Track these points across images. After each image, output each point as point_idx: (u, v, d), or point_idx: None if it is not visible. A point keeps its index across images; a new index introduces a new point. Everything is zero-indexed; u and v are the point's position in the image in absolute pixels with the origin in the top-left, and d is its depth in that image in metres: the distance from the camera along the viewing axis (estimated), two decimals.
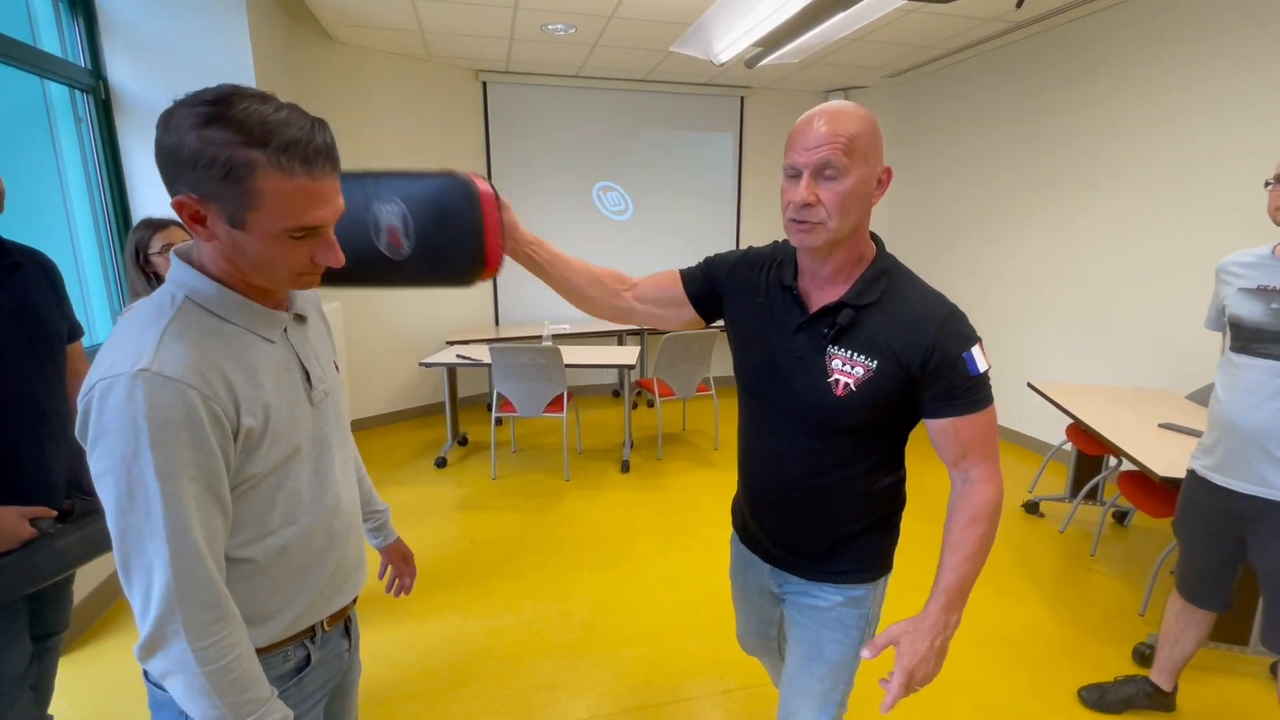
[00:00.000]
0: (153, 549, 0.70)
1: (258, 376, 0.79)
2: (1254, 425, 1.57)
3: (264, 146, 0.69)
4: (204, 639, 0.73)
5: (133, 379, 0.68)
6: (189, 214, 0.72)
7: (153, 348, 0.71)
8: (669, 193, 5.52)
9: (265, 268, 0.77)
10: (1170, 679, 1.92)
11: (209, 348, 0.75)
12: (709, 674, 2.13)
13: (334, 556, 0.92)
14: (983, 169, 4.47)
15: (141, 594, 0.72)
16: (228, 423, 0.75)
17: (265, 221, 0.72)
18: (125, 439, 0.68)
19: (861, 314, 1.01)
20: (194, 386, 0.71)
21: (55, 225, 2.80)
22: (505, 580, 2.68)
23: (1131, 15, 3.41)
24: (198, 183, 0.69)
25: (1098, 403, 2.83)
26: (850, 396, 1.01)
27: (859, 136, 0.94)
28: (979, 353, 0.99)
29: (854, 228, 0.99)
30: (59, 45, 2.71)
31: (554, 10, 3.56)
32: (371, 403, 4.71)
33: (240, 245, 0.74)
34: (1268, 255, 1.60)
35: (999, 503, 1.04)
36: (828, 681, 1.19)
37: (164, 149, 0.70)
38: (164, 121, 0.70)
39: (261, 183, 0.70)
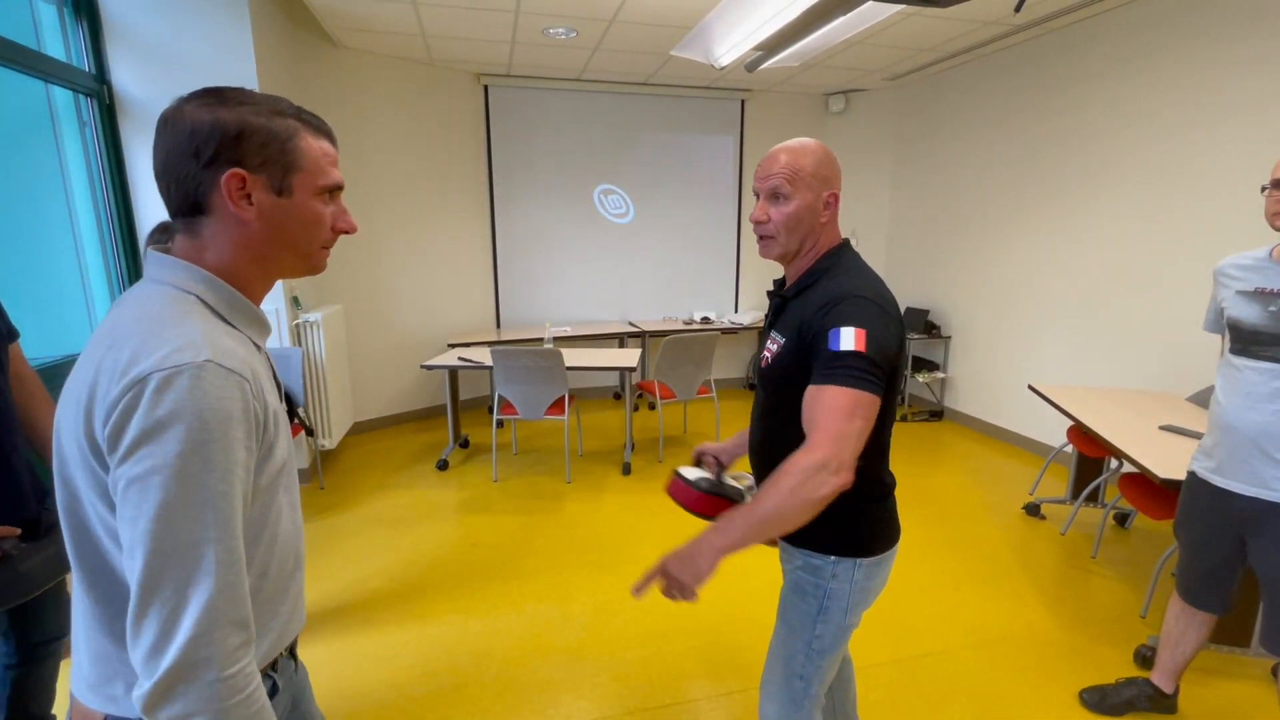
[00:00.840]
0: (199, 559, 0.64)
1: (265, 382, 0.77)
2: (1253, 427, 1.57)
3: (295, 116, 0.75)
4: (234, 665, 0.66)
5: (199, 369, 0.65)
6: (237, 187, 0.72)
7: (202, 339, 0.67)
8: (670, 195, 5.53)
9: (304, 237, 0.78)
10: (1171, 681, 1.92)
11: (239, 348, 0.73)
12: (710, 676, 2.13)
13: (299, 578, 0.88)
14: (982, 171, 4.48)
15: (162, 619, 0.63)
16: (262, 422, 0.73)
17: (308, 182, 0.76)
18: (185, 434, 0.63)
19: (789, 303, 1.23)
20: (248, 380, 0.69)
21: (59, 229, 2.82)
22: (507, 582, 2.69)
23: (1131, 19, 3.42)
24: (245, 155, 0.71)
25: (1098, 405, 2.83)
26: (769, 366, 1.23)
27: (804, 169, 1.16)
28: (850, 334, 1.06)
29: (802, 241, 1.21)
30: (63, 50, 2.73)
31: (555, 14, 3.58)
32: (373, 405, 4.72)
33: (282, 215, 0.75)
34: (1265, 258, 1.61)
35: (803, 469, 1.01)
36: (789, 645, 1.27)
37: (198, 131, 0.70)
38: (172, 115, 0.71)
39: (303, 143, 0.75)
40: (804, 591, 1.24)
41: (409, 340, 4.83)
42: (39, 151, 2.76)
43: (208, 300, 0.74)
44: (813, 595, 1.23)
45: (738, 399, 5.63)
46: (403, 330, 4.81)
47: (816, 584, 1.22)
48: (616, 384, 5.76)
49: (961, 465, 4.04)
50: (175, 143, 0.71)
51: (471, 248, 5.11)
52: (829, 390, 1.05)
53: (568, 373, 3.64)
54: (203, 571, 0.64)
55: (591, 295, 5.54)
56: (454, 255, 5.01)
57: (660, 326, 5.26)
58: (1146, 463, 2.15)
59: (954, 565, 2.82)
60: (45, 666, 1.58)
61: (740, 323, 5.43)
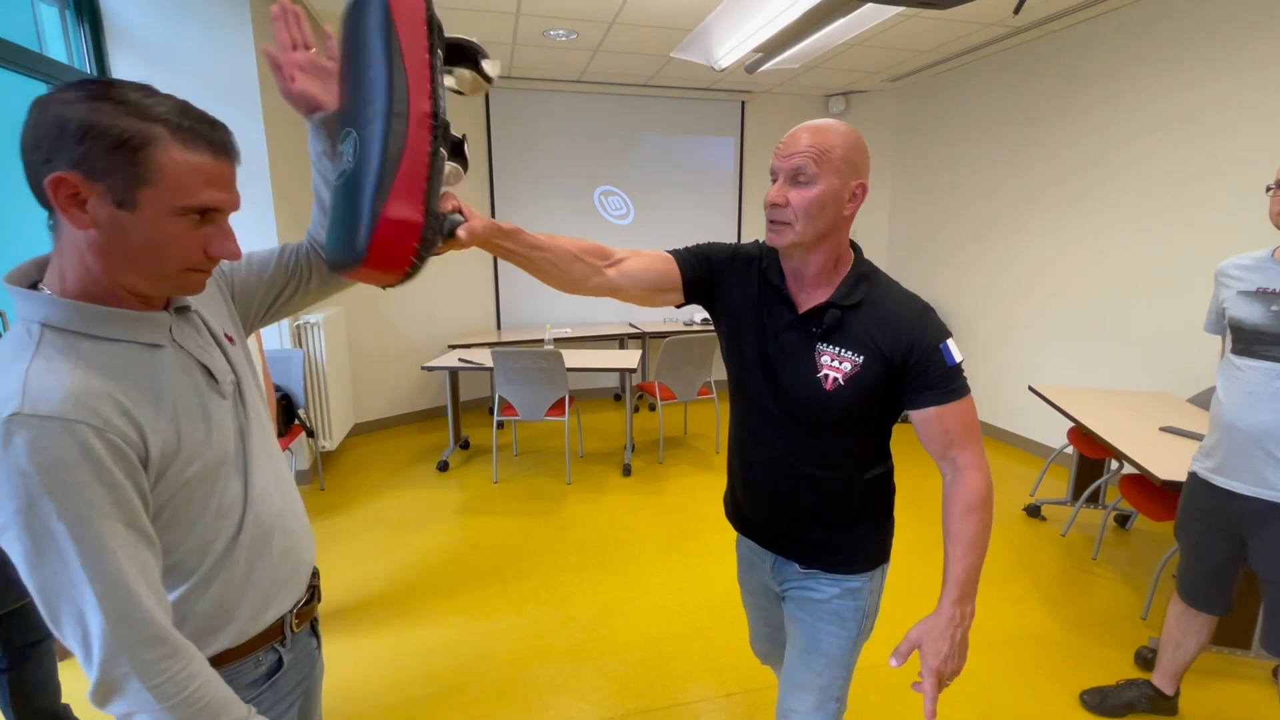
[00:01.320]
0: (80, 596, 0.64)
1: (156, 392, 0.71)
2: (1255, 427, 1.57)
3: (164, 121, 0.66)
4: (157, 676, 0.68)
5: (5, 424, 0.61)
6: (66, 194, 0.64)
7: (19, 389, 0.62)
8: (671, 197, 5.54)
9: (152, 258, 0.69)
10: (1172, 683, 1.91)
11: (88, 376, 0.66)
12: (710, 678, 2.13)
13: (276, 542, 0.87)
14: (983, 173, 4.48)
15: (79, 642, 0.66)
16: (132, 451, 0.67)
17: (160, 198, 0.66)
18: (15, 491, 0.61)
19: (847, 314, 1.08)
20: (79, 420, 0.64)
21: None
22: (507, 584, 2.69)
23: (1133, 19, 3.42)
24: (84, 158, 0.63)
25: (1099, 406, 2.83)
26: (839, 390, 1.07)
27: (833, 150, 1.00)
28: (953, 345, 1.06)
29: (821, 234, 1.05)
30: (65, 52, 2.73)
31: (556, 16, 3.58)
32: (374, 406, 4.72)
33: (124, 231, 0.67)
34: (1267, 258, 1.61)
35: (989, 489, 1.07)
36: (825, 675, 1.21)
37: (43, 124, 0.64)
38: (41, 103, 0.65)
39: (161, 155, 0.66)
40: (844, 618, 1.20)
41: (410, 342, 4.83)
42: None
43: (54, 323, 0.68)
44: (853, 619, 1.20)
45: None
46: (403, 332, 4.81)
47: (856, 607, 1.19)
48: (617, 385, 5.76)
49: None
50: (27, 132, 0.65)
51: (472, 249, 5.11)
52: (958, 407, 1.06)
53: (568, 374, 3.65)
54: (89, 608, 0.65)
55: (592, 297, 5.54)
56: (455, 256, 4.97)
57: (660, 328, 5.26)
58: (1147, 464, 2.14)
59: None
60: (41, 665, 1.60)
61: None
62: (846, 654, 1.21)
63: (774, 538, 1.25)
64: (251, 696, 0.85)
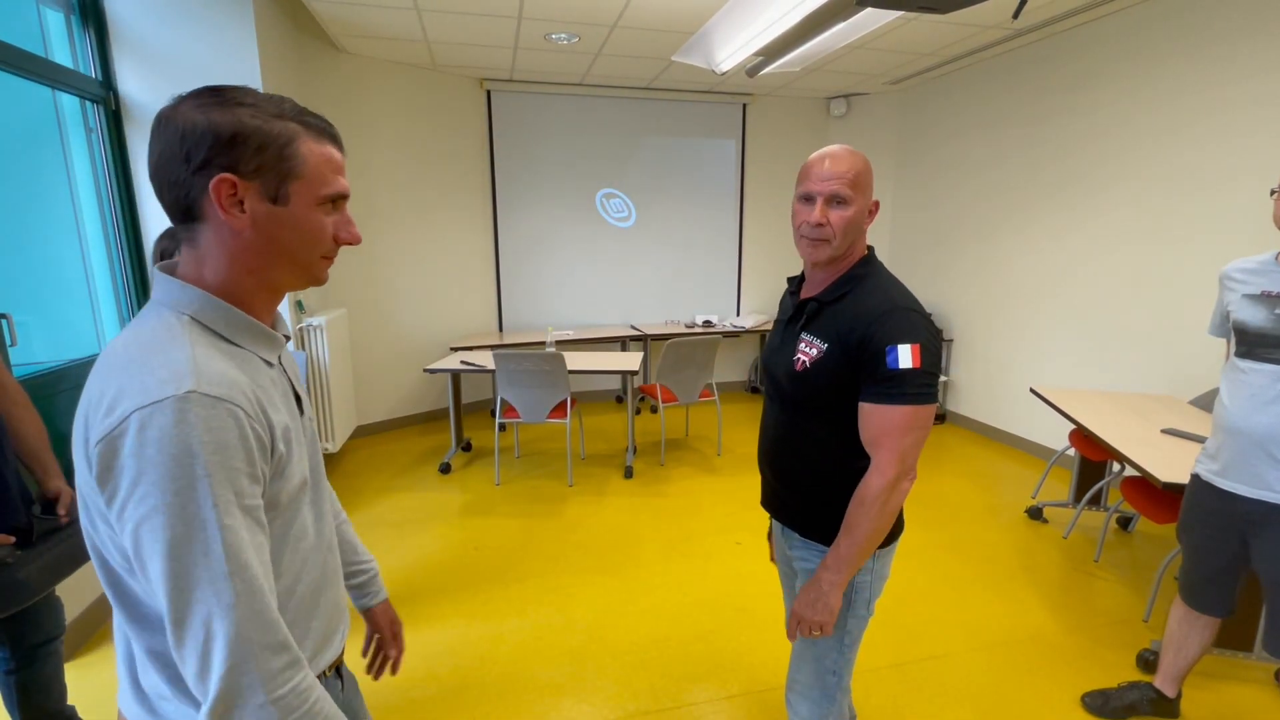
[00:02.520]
0: (214, 593, 0.63)
1: (273, 399, 0.74)
2: (1258, 429, 1.58)
3: (297, 119, 0.71)
4: (281, 686, 0.66)
5: (181, 402, 0.62)
6: (226, 194, 0.68)
7: (189, 368, 0.64)
8: (672, 199, 5.55)
9: (299, 248, 0.74)
10: (1174, 685, 1.91)
11: (237, 370, 0.70)
12: (712, 679, 2.13)
13: (329, 596, 0.87)
14: (985, 175, 4.49)
15: (198, 651, 0.63)
16: (267, 444, 0.70)
17: (307, 190, 0.72)
18: (177, 471, 0.61)
19: (825, 307, 1.23)
20: (241, 406, 0.66)
21: (65, 235, 2.84)
22: (509, 586, 2.69)
23: (1133, 22, 3.43)
24: (238, 160, 0.67)
25: (1101, 408, 2.83)
26: (805, 370, 1.22)
27: (860, 175, 1.18)
28: (905, 351, 1.11)
29: (849, 245, 1.21)
30: (70, 57, 2.75)
31: (558, 20, 3.60)
32: (376, 409, 4.73)
33: (278, 225, 0.71)
34: (1270, 261, 1.61)
35: (881, 490, 1.14)
36: (820, 644, 1.31)
37: (190, 135, 0.66)
38: (168, 116, 0.67)
39: (303, 148, 0.71)
40: None
41: (412, 344, 4.84)
42: (46, 157, 2.78)
43: (204, 320, 0.71)
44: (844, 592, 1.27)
45: (739, 402, 5.63)
46: (405, 334, 4.82)
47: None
48: (618, 387, 5.76)
49: (964, 468, 4.04)
50: (167, 145, 0.67)
51: (474, 251, 5.13)
52: (888, 410, 1.13)
53: (570, 376, 3.65)
54: (222, 605, 0.63)
55: (594, 299, 5.55)
56: (457, 259, 5.02)
57: (662, 330, 5.27)
58: (1148, 466, 2.14)
59: (956, 569, 2.81)
60: (47, 665, 1.61)
61: (742, 326, 5.44)
62: (838, 626, 1.28)
63: (778, 505, 1.39)
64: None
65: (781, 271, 5.97)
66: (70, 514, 1.51)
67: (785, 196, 5.79)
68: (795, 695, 1.37)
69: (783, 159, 5.70)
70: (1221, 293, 1.72)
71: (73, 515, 1.51)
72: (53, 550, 1.39)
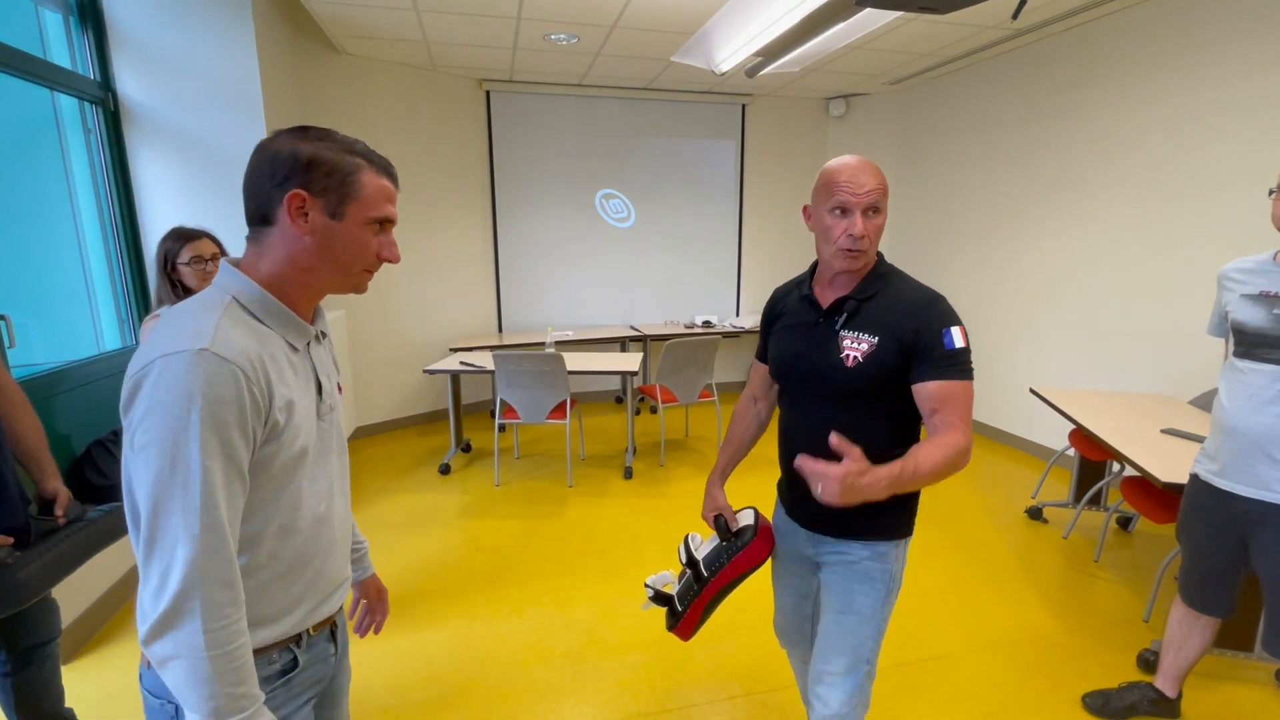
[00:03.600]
0: (183, 523, 0.74)
1: (285, 375, 0.86)
2: (1256, 430, 1.58)
3: (364, 155, 0.88)
4: (218, 620, 0.75)
5: (195, 355, 0.75)
6: (296, 206, 0.83)
7: (211, 332, 0.78)
8: (671, 200, 5.55)
9: (346, 257, 0.88)
10: (1175, 685, 1.91)
11: (253, 342, 0.82)
12: (712, 681, 2.13)
13: (316, 566, 0.94)
14: (984, 175, 4.49)
15: (160, 570, 0.74)
16: (263, 409, 0.81)
17: (360, 210, 0.86)
18: (179, 411, 0.73)
19: (863, 305, 1.29)
20: (244, 369, 0.78)
21: (64, 235, 2.84)
22: (509, 587, 2.69)
23: (1132, 22, 3.43)
24: (311, 180, 0.83)
25: (1100, 408, 2.83)
26: (858, 366, 1.26)
27: (885, 185, 1.26)
28: (957, 332, 1.22)
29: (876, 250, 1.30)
30: (69, 58, 2.75)
31: (557, 20, 3.60)
32: (375, 410, 4.73)
33: (332, 235, 0.86)
34: (1269, 261, 1.61)
35: (961, 447, 1.18)
36: (858, 634, 1.34)
37: (278, 157, 0.83)
38: (266, 143, 0.85)
39: (364, 178, 0.86)
40: (873, 579, 1.33)
41: (411, 345, 4.84)
42: (45, 158, 2.78)
43: (242, 299, 0.84)
44: (881, 580, 1.33)
45: None
46: (405, 335, 4.82)
47: (885, 569, 1.33)
48: (618, 388, 5.76)
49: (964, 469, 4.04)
50: (259, 163, 0.84)
51: (473, 252, 5.13)
52: (959, 385, 1.21)
53: (569, 377, 3.65)
54: (188, 533, 0.74)
55: (593, 299, 5.55)
56: (456, 260, 5.02)
57: (662, 330, 5.26)
58: (1148, 466, 2.14)
59: (956, 569, 2.81)
60: (44, 668, 1.60)
61: (742, 326, 5.44)
62: (876, 612, 1.34)
63: (814, 519, 1.39)
64: (267, 691, 0.87)
65: (780, 271, 5.98)
66: (67, 515, 1.50)
67: (785, 197, 5.79)
68: (825, 686, 1.37)
69: (782, 159, 5.70)
70: (1220, 293, 1.72)
71: (69, 516, 1.50)
72: (51, 551, 1.39)
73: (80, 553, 1.46)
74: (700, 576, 1.46)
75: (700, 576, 1.46)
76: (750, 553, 1.43)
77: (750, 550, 1.43)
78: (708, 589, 1.44)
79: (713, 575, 1.44)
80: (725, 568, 1.43)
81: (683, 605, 1.49)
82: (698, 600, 1.45)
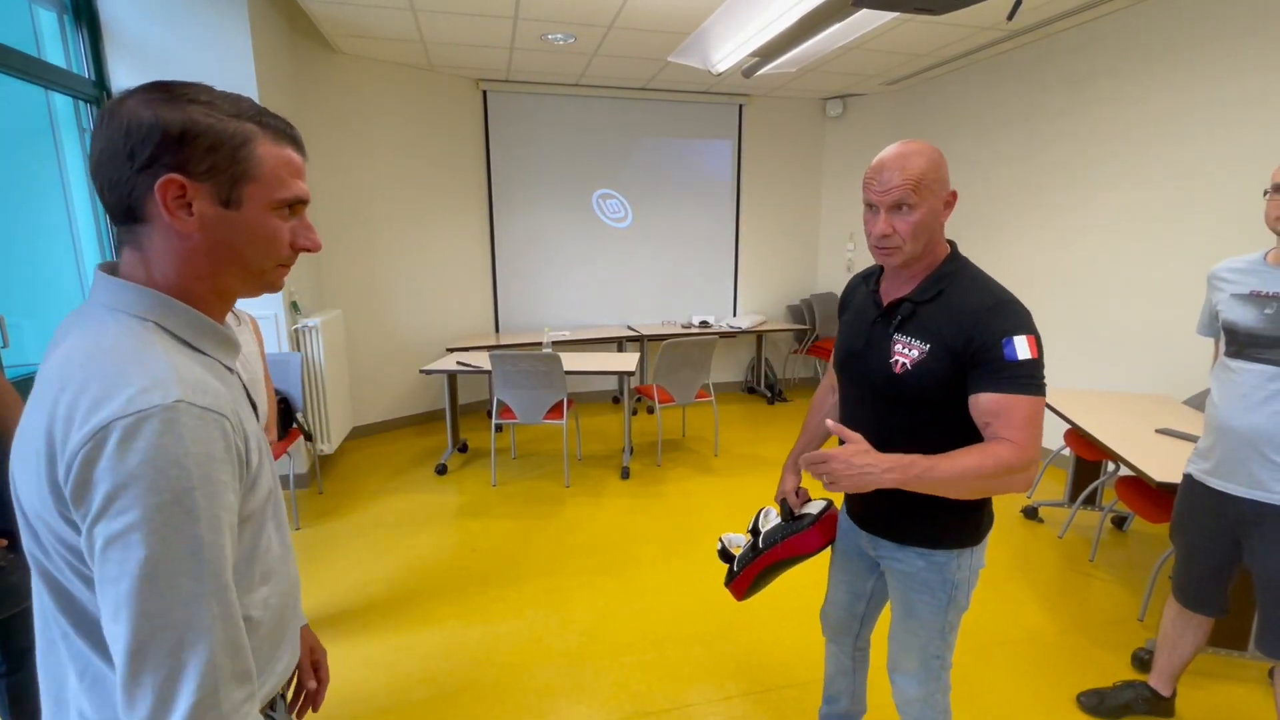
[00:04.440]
0: (188, 616, 0.58)
1: (243, 408, 0.70)
2: (1249, 429, 1.58)
3: (254, 119, 0.67)
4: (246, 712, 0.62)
5: (169, 411, 0.58)
6: (174, 195, 0.63)
7: (173, 376, 0.61)
8: (668, 200, 5.55)
9: (253, 254, 0.70)
10: (1169, 684, 1.92)
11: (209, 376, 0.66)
12: (709, 681, 2.13)
13: (293, 605, 0.84)
14: (980, 175, 4.50)
15: (156, 685, 0.57)
16: (244, 456, 0.67)
17: (261, 193, 0.67)
18: (163, 484, 0.57)
19: (920, 308, 1.22)
20: (226, 417, 0.63)
21: (58, 236, 2.82)
22: (506, 587, 2.69)
23: (1130, 23, 3.44)
24: (187, 161, 0.63)
25: (1096, 408, 2.85)
26: (906, 373, 1.21)
27: (925, 177, 1.15)
28: (1023, 342, 1.12)
29: (926, 244, 1.20)
30: (63, 56, 2.74)
31: (554, 20, 3.59)
32: (372, 410, 4.72)
33: (229, 229, 0.67)
34: (1259, 261, 1.62)
35: (1004, 461, 1.10)
36: (922, 636, 1.34)
37: (134, 131, 0.62)
38: (112, 110, 0.63)
39: (259, 149, 0.67)
40: (931, 588, 1.31)
41: (408, 345, 4.83)
42: (39, 157, 2.76)
43: (168, 326, 0.67)
44: (940, 589, 1.30)
45: (737, 402, 5.64)
46: (401, 335, 4.81)
47: (943, 579, 1.29)
48: (614, 388, 5.76)
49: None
50: (110, 141, 0.62)
51: (470, 252, 5.12)
52: (1020, 400, 1.11)
53: (566, 377, 3.65)
54: (198, 631, 0.58)
55: (590, 299, 5.55)
56: (453, 260, 5.01)
57: (659, 330, 5.27)
58: (1143, 466, 2.15)
59: None
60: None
61: (739, 326, 5.44)
62: (938, 619, 1.32)
63: (870, 516, 1.37)
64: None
65: (779, 272, 5.99)
66: None
67: (782, 197, 5.80)
68: (901, 676, 1.41)
69: (779, 160, 5.71)
70: (1210, 292, 1.73)
71: None
72: None
73: None
74: (756, 547, 1.48)
75: (756, 547, 1.48)
76: (802, 539, 1.43)
77: (802, 537, 1.43)
78: (759, 560, 1.47)
79: (766, 549, 1.46)
80: (776, 546, 1.45)
81: (739, 568, 1.51)
82: (749, 568, 1.48)
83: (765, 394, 5.74)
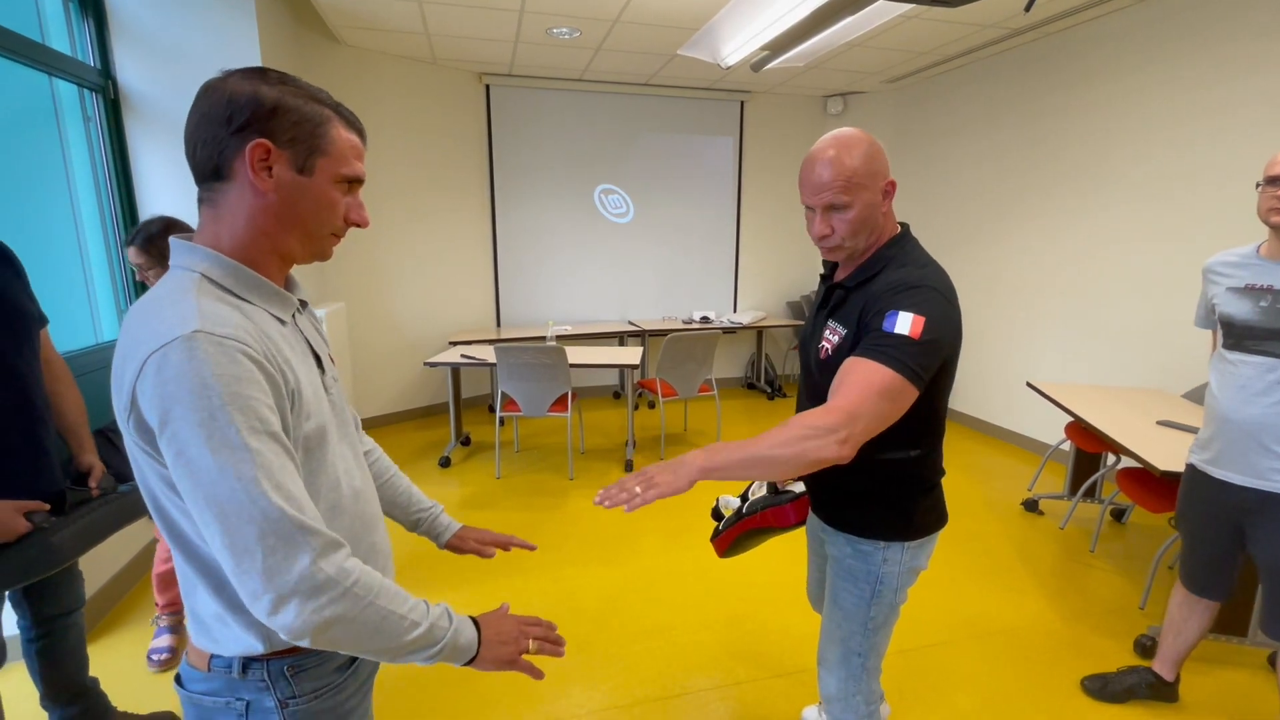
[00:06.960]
0: (258, 507, 0.66)
1: (283, 352, 0.77)
2: (1248, 420, 1.61)
3: (333, 106, 0.79)
4: (348, 576, 0.71)
5: (189, 340, 0.66)
6: (259, 157, 0.73)
7: (195, 312, 0.68)
8: (670, 195, 5.56)
9: (314, 219, 0.79)
10: (1173, 669, 1.95)
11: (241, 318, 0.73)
12: (717, 667, 2.15)
13: (369, 541, 0.91)
14: (980, 173, 4.54)
15: (263, 568, 0.66)
16: (282, 383, 0.73)
17: (330, 167, 0.77)
18: (197, 403, 0.65)
19: (851, 294, 1.19)
20: (247, 345, 0.69)
21: (62, 224, 2.81)
22: (512, 578, 2.70)
23: (1129, 23, 3.48)
24: (275, 129, 0.73)
25: (1097, 402, 2.88)
26: (829, 359, 1.19)
27: (856, 172, 1.10)
28: (906, 319, 1.04)
29: (870, 236, 1.18)
30: (69, 44, 2.72)
31: (560, 14, 3.60)
32: (375, 402, 4.72)
33: (299, 194, 0.76)
34: (1253, 254, 1.65)
35: (819, 427, 0.99)
36: (844, 627, 1.33)
37: (235, 100, 0.72)
38: (216, 84, 0.73)
39: (334, 131, 0.77)
40: (855, 577, 1.29)
41: (411, 338, 4.83)
42: (43, 145, 2.75)
43: (213, 277, 0.75)
44: (864, 580, 1.28)
45: (737, 398, 5.66)
46: (404, 328, 4.81)
47: (867, 570, 1.27)
48: (616, 383, 5.78)
49: (960, 462, 4.08)
50: (210, 107, 0.72)
51: (472, 246, 5.12)
52: (867, 364, 1.03)
53: (570, 370, 3.66)
54: (268, 517, 0.67)
55: (591, 294, 5.56)
56: (455, 253, 5.01)
57: (660, 326, 5.28)
58: (1147, 456, 2.18)
59: (955, 560, 2.85)
60: (68, 637, 1.64)
61: (739, 322, 5.46)
62: (860, 611, 1.30)
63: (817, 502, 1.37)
64: (338, 681, 0.87)
65: (778, 269, 6.01)
66: (100, 488, 1.54)
67: (782, 194, 5.82)
68: (824, 669, 1.41)
69: (780, 156, 5.73)
70: (1205, 286, 1.76)
71: (103, 488, 1.54)
72: (83, 519, 1.43)
73: (110, 524, 1.50)
74: (740, 512, 1.52)
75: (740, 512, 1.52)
76: (778, 512, 1.44)
77: (779, 510, 1.44)
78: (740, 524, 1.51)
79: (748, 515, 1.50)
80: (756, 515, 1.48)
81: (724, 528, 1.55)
82: (731, 529, 1.52)
83: (765, 390, 5.77)
